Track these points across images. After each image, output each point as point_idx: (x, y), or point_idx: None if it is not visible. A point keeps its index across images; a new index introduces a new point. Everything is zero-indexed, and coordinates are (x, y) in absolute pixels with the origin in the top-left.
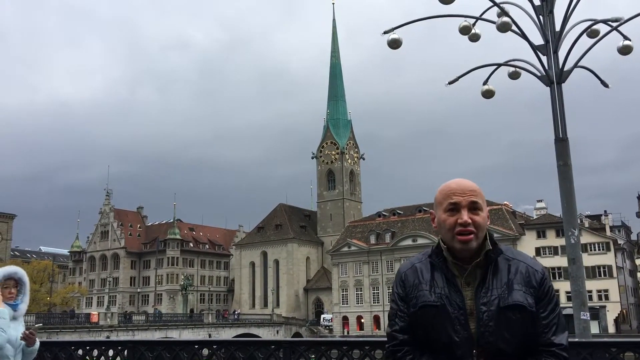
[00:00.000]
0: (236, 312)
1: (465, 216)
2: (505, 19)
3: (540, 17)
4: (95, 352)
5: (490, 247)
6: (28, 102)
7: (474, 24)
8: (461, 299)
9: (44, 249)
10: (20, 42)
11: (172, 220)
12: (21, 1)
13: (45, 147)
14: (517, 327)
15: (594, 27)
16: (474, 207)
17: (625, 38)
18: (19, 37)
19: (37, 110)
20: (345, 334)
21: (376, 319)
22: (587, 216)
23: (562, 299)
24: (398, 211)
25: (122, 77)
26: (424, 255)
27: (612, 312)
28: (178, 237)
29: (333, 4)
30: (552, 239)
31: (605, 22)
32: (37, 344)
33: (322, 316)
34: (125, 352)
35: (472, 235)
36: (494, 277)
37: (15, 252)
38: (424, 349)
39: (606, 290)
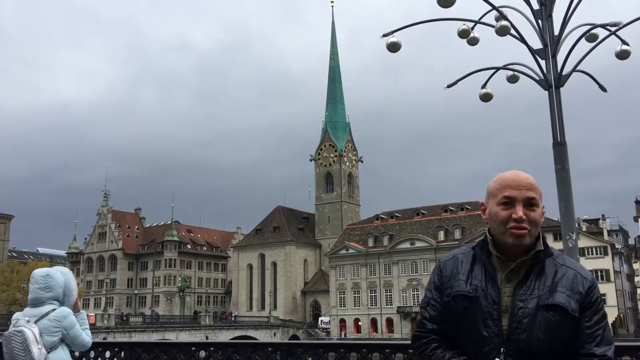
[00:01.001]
0: (233, 315)
1: (520, 212)
2: (504, 22)
3: (539, 21)
4: (92, 354)
5: (542, 248)
6: (29, 103)
7: (472, 28)
8: (497, 294)
9: (41, 250)
10: (22, 42)
11: (170, 222)
12: (23, 1)
13: (45, 147)
14: (554, 331)
15: (593, 31)
16: (530, 203)
17: (624, 42)
18: (20, 37)
19: (38, 110)
20: (343, 336)
21: (373, 322)
22: (585, 220)
23: None
24: (396, 214)
25: (122, 78)
26: (468, 247)
27: (610, 316)
28: (176, 238)
29: (332, 6)
30: (549, 243)
31: (603, 26)
32: None
33: (320, 319)
34: (122, 353)
35: (525, 231)
36: (537, 277)
37: (13, 253)
38: (452, 342)
39: (603, 295)
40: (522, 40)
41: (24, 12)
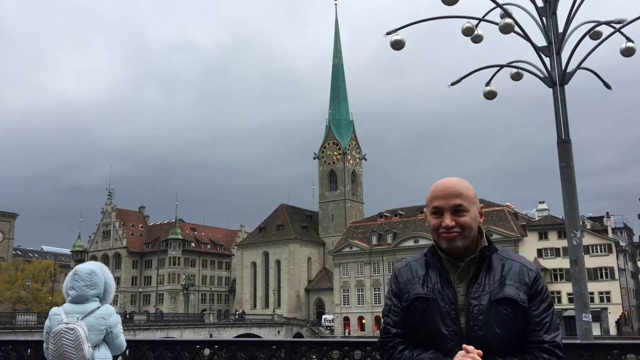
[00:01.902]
0: (237, 312)
1: (447, 220)
2: (508, 20)
3: (543, 18)
4: None
5: (486, 244)
6: (34, 102)
7: (476, 26)
8: (453, 294)
9: (45, 248)
10: (26, 42)
11: (173, 220)
12: (26, 2)
13: (49, 147)
14: (508, 323)
15: (597, 28)
16: (457, 210)
17: (628, 40)
18: (24, 37)
19: (43, 110)
20: (347, 334)
21: (377, 320)
22: (589, 218)
23: (564, 300)
24: (400, 212)
25: (126, 78)
26: (420, 254)
27: (614, 314)
28: (180, 237)
29: (335, 4)
30: (554, 241)
31: (608, 23)
32: None
33: (323, 317)
34: (127, 351)
35: (455, 234)
36: (486, 273)
37: (18, 252)
38: (414, 343)
39: (608, 292)
40: (527, 37)
41: (29, 13)
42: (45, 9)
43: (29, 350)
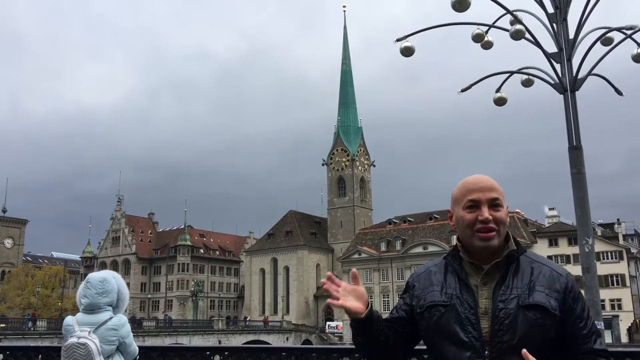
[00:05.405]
0: (247, 319)
1: (486, 212)
2: (519, 26)
3: (554, 24)
4: None
5: (515, 247)
6: (52, 110)
7: (486, 32)
8: (473, 299)
9: (55, 254)
10: (45, 51)
11: (182, 227)
12: (46, 12)
13: (64, 154)
14: (536, 329)
15: (608, 35)
16: (494, 204)
17: (639, 46)
18: (44, 46)
19: (60, 117)
20: None
21: None
22: (600, 224)
23: None
24: (409, 218)
25: (142, 86)
26: (441, 258)
27: (625, 321)
28: (189, 243)
29: (344, 10)
30: (564, 247)
31: (619, 30)
32: None
33: (328, 323)
34: (137, 357)
35: (493, 233)
36: (514, 276)
37: (28, 258)
38: (433, 353)
39: (619, 300)
40: (537, 44)
41: (46, 22)
42: (63, 19)
43: (39, 356)
